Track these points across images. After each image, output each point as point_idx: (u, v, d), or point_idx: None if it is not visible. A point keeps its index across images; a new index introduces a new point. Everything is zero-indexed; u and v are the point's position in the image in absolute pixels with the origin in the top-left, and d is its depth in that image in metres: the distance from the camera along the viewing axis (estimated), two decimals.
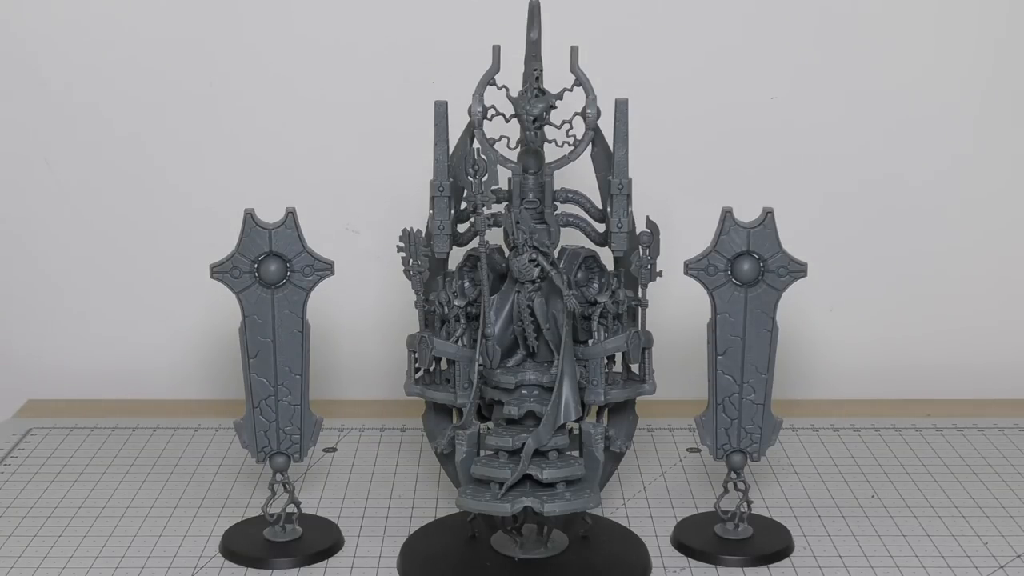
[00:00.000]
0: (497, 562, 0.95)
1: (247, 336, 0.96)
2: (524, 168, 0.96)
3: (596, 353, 0.94)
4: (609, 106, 0.95)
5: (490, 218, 0.93)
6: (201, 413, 1.27)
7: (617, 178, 0.95)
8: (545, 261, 0.93)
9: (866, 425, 1.24)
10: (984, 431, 1.23)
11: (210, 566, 0.96)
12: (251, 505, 1.06)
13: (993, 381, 1.35)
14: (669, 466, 1.14)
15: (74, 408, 1.29)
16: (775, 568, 0.96)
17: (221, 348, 1.33)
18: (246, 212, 0.95)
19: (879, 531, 1.01)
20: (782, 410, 1.03)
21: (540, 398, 0.93)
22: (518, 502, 0.90)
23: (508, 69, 0.96)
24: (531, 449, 0.90)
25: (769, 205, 0.95)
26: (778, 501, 1.07)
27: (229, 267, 0.95)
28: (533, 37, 0.95)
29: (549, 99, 0.95)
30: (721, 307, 0.96)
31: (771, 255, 0.95)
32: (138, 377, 1.35)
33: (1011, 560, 0.97)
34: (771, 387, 0.97)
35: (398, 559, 0.96)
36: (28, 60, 1.31)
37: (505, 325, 0.95)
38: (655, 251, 0.94)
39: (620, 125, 0.95)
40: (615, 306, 0.95)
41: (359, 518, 1.04)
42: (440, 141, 0.96)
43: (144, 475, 1.12)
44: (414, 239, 0.94)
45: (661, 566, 0.96)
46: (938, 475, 1.13)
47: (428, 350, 0.95)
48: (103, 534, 1.01)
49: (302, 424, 0.98)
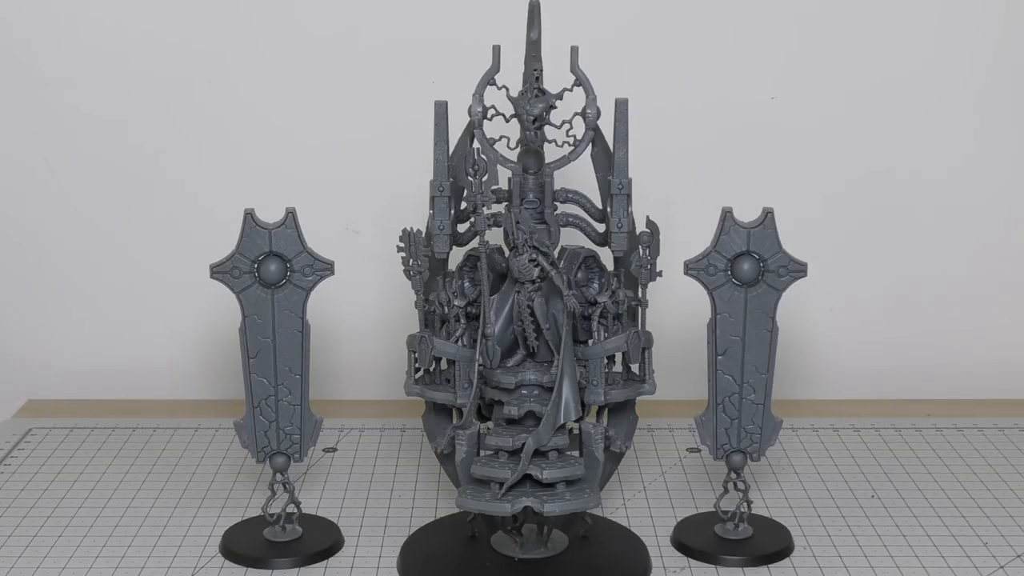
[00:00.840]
0: (497, 562, 0.95)
1: (247, 336, 0.96)
2: (524, 168, 0.96)
3: (596, 353, 0.94)
4: (609, 106, 0.95)
5: (490, 218, 0.93)
6: (201, 413, 1.27)
7: (617, 178, 0.95)
8: (545, 261, 0.93)
9: (866, 425, 1.24)
10: (984, 431, 1.23)
11: (210, 566, 0.96)
12: (251, 505, 1.06)
13: (993, 381, 1.35)
14: (669, 466, 1.14)
15: (74, 408, 1.29)
16: (775, 568, 0.96)
17: (221, 348, 1.33)
18: (246, 212, 0.95)
19: (879, 531, 1.01)
20: (782, 410, 1.03)
21: (540, 398, 0.93)
22: (518, 502, 0.90)
23: (508, 69, 0.96)
24: (531, 449, 0.90)
25: (769, 205, 0.95)
26: (778, 501, 1.07)
27: (229, 267, 0.95)
28: (533, 37, 0.95)
29: (549, 99, 0.95)
30: (721, 307, 0.96)
31: (771, 255, 0.95)
32: (138, 377, 1.35)
33: (1011, 560, 0.97)
34: (771, 387, 0.97)
35: (398, 559, 0.96)
36: (28, 60, 1.31)
37: (505, 325, 0.95)
38: (655, 251, 0.94)
39: (620, 125, 0.95)
40: (615, 306, 0.95)
41: (359, 518, 1.04)
42: (440, 141, 0.96)
43: (144, 475, 1.12)
44: (414, 239, 0.94)
45: (661, 566, 0.96)
46: (938, 475, 1.13)
47: (428, 350, 0.95)
48: (103, 534, 1.01)
49: (302, 424, 0.98)
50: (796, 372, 1.34)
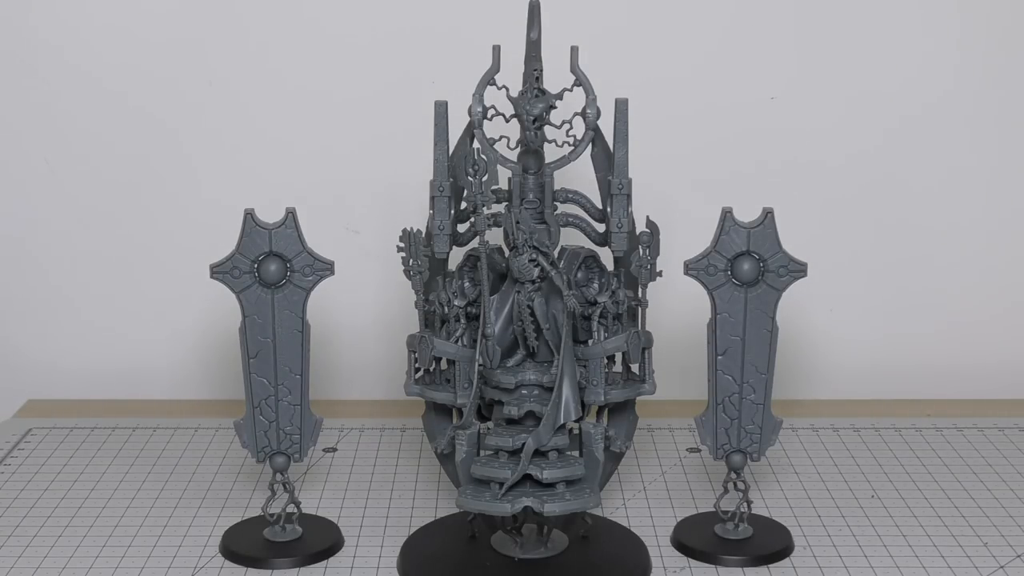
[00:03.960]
0: (497, 562, 0.95)
1: (247, 336, 0.96)
2: (524, 168, 0.96)
3: (596, 353, 0.94)
4: (609, 106, 0.95)
5: (490, 218, 0.93)
6: (201, 413, 1.27)
7: (617, 178, 0.95)
8: (545, 261, 0.92)
9: (866, 425, 1.24)
10: (984, 431, 1.23)
11: (210, 566, 0.96)
12: (251, 505, 1.06)
13: (993, 381, 1.35)
14: (669, 466, 1.14)
15: (74, 408, 1.29)
16: (775, 568, 0.96)
17: (221, 348, 1.33)
18: (246, 212, 0.95)
19: (879, 531, 1.01)
20: (782, 410, 1.03)
21: (540, 398, 0.93)
22: (518, 502, 0.90)
23: (508, 69, 0.96)
24: (531, 449, 0.90)
25: (769, 205, 0.95)
26: (778, 501, 1.07)
27: (229, 267, 0.95)
28: (533, 37, 0.95)
29: (549, 99, 0.95)
30: (721, 307, 0.96)
31: (771, 255, 0.95)
32: (138, 377, 1.35)
33: (1011, 560, 0.97)
34: (771, 387, 0.97)
35: (398, 559, 0.96)
36: (28, 60, 1.31)
37: (505, 325, 0.95)
38: (655, 251, 0.94)
39: (620, 125, 0.95)
40: (615, 306, 0.95)
41: (359, 518, 1.04)
42: (440, 141, 0.96)
43: (144, 475, 1.12)
44: (414, 239, 0.94)
45: (661, 566, 0.96)
46: (938, 475, 1.13)
47: (428, 350, 0.95)
48: (103, 534, 1.01)
49: (302, 424, 0.98)
50: (796, 372, 1.34)
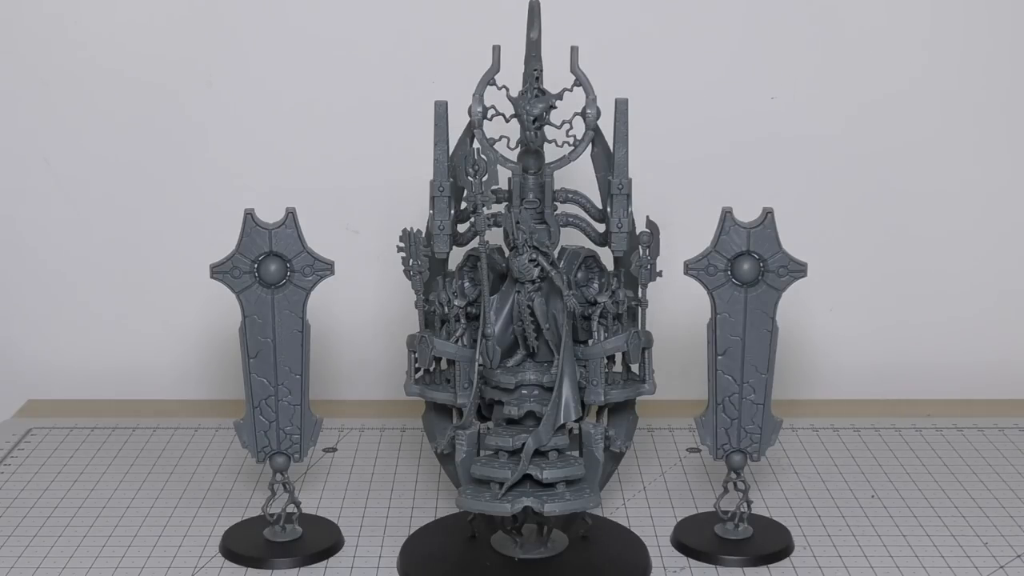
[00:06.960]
0: (497, 562, 0.95)
1: (247, 336, 0.96)
2: (524, 168, 0.96)
3: (596, 353, 0.94)
4: (609, 106, 0.95)
5: (490, 218, 0.93)
6: (201, 413, 1.27)
7: (617, 178, 0.95)
8: (545, 261, 0.93)
9: (866, 425, 1.24)
10: (984, 431, 1.23)
11: (210, 566, 0.96)
12: (251, 505, 1.06)
13: (993, 381, 1.35)
14: (669, 466, 1.14)
15: (74, 408, 1.29)
16: (775, 568, 0.96)
17: (221, 348, 1.33)
18: (246, 212, 0.95)
19: (879, 531, 1.01)
20: (782, 410, 1.03)
21: (540, 398, 0.93)
22: (518, 502, 0.90)
23: (508, 69, 0.96)
24: (531, 449, 0.90)
25: (769, 205, 0.95)
26: (778, 501, 1.07)
27: (229, 267, 0.95)
28: (533, 37, 0.95)
29: (549, 99, 0.95)
30: (721, 307, 0.96)
31: (771, 255, 0.95)
32: (138, 377, 1.35)
33: (1011, 560, 0.97)
34: (771, 387, 0.97)
35: (398, 559, 0.96)
36: (28, 60, 1.31)
37: (505, 325, 0.94)
38: (655, 251, 0.94)
39: (620, 125, 0.95)
40: (615, 306, 0.95)
41: (359, 518, 1.04)
42: (440, 141, 0.96)
43: (144, 475, 1.12)
44: (414, 239, 0.94)
45: (661, 566, 0.96)
46: (938, 475, 1.13)
47: (428, 350, 0.95)
48: (103, 534, 1.01)
49: (302, 424, 0.98)
50: (796, 372, 1.34)
